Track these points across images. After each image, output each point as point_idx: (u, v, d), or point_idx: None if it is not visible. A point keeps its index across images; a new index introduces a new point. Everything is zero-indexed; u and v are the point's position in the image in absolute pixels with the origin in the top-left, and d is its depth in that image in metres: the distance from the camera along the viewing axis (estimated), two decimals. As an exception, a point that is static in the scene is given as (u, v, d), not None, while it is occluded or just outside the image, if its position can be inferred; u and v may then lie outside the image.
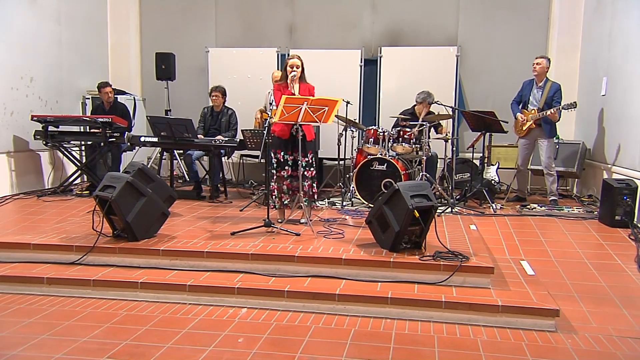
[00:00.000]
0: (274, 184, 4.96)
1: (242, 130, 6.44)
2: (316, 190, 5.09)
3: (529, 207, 6.10)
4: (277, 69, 7.28)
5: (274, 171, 4.94)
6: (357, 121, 6.93)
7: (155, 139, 6.41)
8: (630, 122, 5.71)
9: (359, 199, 6.06)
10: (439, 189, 6.18)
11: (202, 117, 6.85)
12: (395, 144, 6.08)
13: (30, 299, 3.74)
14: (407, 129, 6.09)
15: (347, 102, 6.48)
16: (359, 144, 6.73)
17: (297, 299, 3.57)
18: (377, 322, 3.38)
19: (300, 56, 5.03)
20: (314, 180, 5.03)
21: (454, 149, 6.62)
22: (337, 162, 6.80)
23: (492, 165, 6.90)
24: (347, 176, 6.49)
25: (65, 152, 6.87)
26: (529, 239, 4.92)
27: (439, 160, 6.73)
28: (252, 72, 7.76)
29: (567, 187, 7.53)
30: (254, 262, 3.95)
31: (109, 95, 7.06)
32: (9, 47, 6.62)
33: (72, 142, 6.96)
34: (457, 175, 6.99)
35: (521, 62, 7.33)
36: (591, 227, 5.29)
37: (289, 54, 7.03)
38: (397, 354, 2.94)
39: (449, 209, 5.80)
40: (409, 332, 3.24)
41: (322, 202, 6.23)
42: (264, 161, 4.96)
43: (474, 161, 6.84)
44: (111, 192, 4.12)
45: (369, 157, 6.02)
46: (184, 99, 8.35)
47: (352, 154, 6.60)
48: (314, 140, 5.23)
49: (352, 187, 6.15)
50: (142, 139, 6.51)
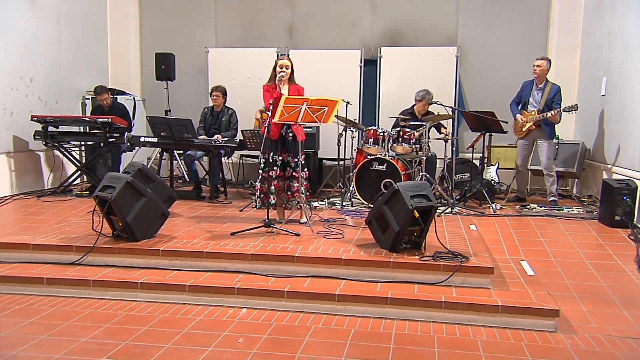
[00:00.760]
0: (258, 184, 4.96)
1: (242, 130, 6.45)
2: (310, 192, 5.06)
3: (528, 207, 6.10)
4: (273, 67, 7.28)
5: (261, 171, 4.93)
6: (356, 121, 6.93)
7: (155, 139, 6.41)
8: (630, 123, 5.71)
9: (359, 199, 6.06)
10: (439, 189, 6.18)
11: (203, 117, 6.85)
12: (395, 144, 6.08)
13: (30, 299, 3.74)
14: (407, 129, 6.09)
15: (347, 103, 6.48)
16: (358, 144, 6.73)
17: (296, 299, 3.57)
18: (376, 322, 3.38)
19: (290, 57, 5.02)
20: (304, 181, 4.98)
21: (454, 149, 6.62)
22: (337, 163, 6.80)
23: (492, 165, 6.90)
24: (347, 176, 6.49)
25: (65, 152, 6.88)
26: (528, 239, 4.92)
27: (438, 160, 6.74)
28: (252, 72, 7.75)
29: (567, 188, 7.53)
30: (254, 263, 3.95)
31: (105, 101, 7.03)
32: (9, 48, 6.62)
33: (71, 142, 6.96)
34: (457, 175, 6.99)
35: (521, 62, 7.33)
36: (591, 228, 5.29)
37: (289, 54, 7.04)
38: (396, 354, 2.94)
39: (449, 209, 5.80)
40: (409, 332, 3.24)
41: (322, 202, 6.23)
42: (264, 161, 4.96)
43: (474, 161, 6.84)
44: (111, 192, 4.12)
45: (368, 157, 6.02)
46: (183, 99, 8.35)
47: (351, 154, 6.61)
48: (304, 141, 5.18)
49: (352, 187, 6.15)
50: (142, 139, 6.51)
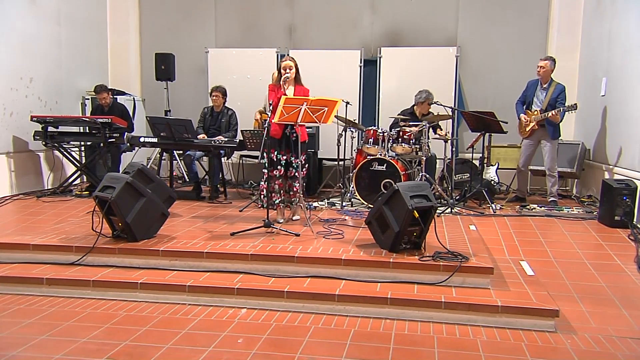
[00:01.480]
0: (263, 182, 4.99)
1: (241, 130, 6.45)
2: (303, 191, 5.11)
3: (528, 207, 6.10)
4: (277, 70, 7.28)
5: (265, 170, 4.96)
6: (356, 121, 6.93)
7: (154, 140, 6.41)
8: (629, 123, 5.71)
9: (359, 200, 6.06)
10: (439, 189, 6.18)
11: (202, 117, 6.85)
12: (394, 145, 6.08)
13: (29, 299, 3.74)
14: (407, 129, 6.09)
15: (347, 103, 6.48)
16: (358, 145, 6.73)
17: (296, 299, 3.57)
18: (376, 323, 3.38)
19: (294, 58, 5.03)
20: (304, 180, 5.06)
21: (454, 149, 6.62)
22: (336, 163, 6.80)
23: (492, 165, 6.90)
24: (347, 176, 6.49)
25: (64, 152, 6.88)
26: (528, 239, 4.92)
27: (438, 160, 6.73)
28: (251, 72, 7.76)
29: (567, 188, 7.53)
30: (254, 263, 3.95)
31: (104, 100, 7.02)
32: (9, 48, 6.62)
33: (71, 142, 6.95)
34: (457, 175, 6.99)
35: (521, 62, 7.35)
36: (591, 228, 5.29)
37: (288, 55, 7.03)
38: (396, 355, 2.94)
39: (449, 210, 5.80)
40: (409, 333, 3.24)
41: (322, 203, 6.23)
42: (264, 161, 4.97)
43: (474, 161, 6.84)
44: (111, 192, 4.12)
45: (368, 157, 6.01)
46: (183, 100, 8.35)
47: (351, 155, 6.60)
48: (307, 141, 5.22)
49: (352, 187, 6.14)
50: (142, 140, 6.51)
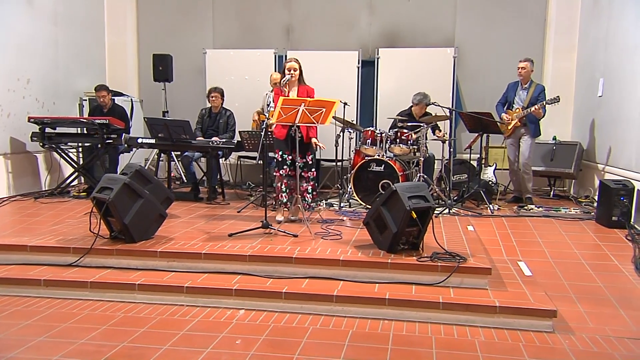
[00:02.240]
0: (279, 184, 5.07)
1: (239, 131, 6.45)
2: (316, 192, 5.13)
3: (526, 207, 6.11)
4: (275, 71, 7.29)
5: (279, 170, 5.02)
6: (354, 122, 6.93)
7: (152, 141, 6.40)
8: (626, 123, 5.73)
9: (357, 200, 6.06)
10: (437, 190, 6.19)
11: (200, 118, 6.85)
12: (392, 145, 6.08)
13: (27, 301, 3.73)
14: (405, 130, 6.10)
15: (345, 104, 6.48)
16: (356, 145, 6.73)
17: (294, 300, 3.57)
18: (374, 324, 3.38)
19: (298, 59, 5.06)
20: (311, 181, 5.10)
21: (452, 150, 6.63)
22: (334, 164, 6.80)
23: (490, 166, 6.92)
24: (345, 177, 6.49)
25: (62, 153, 6.85)
26: (526, 239, 4.92)
27: (436, 161, 6.74)
28: (249, 73, 7.76)
29: (564, 188, 7.54)
30: (252, 264, 3.95)
31: (103, 99, 6.99)
32: (6, 49, 6.61)
33: (69, 143, 6.93)
34: (455, 176, 6.99)
35: (518, 63, 7.34)
36: (588, 228, 5.30)
37: (286, 56, 7.05)
38: (394, 355, 2.94)
39: (447, 210, 5.80)
40: (407, 333, 3.24)
41: (320, 203, 6.22)
42: (262, 162, 4.98)
43: (472, 162, 6.85)
44: (108, 193, 4.11)
45: (366, 158, 6.01)
46: (181, 101, 8.33)
47: (349, 155, 6.61)
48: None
49: (350, 188, 6.14)
50: (140, 141, 6.50)
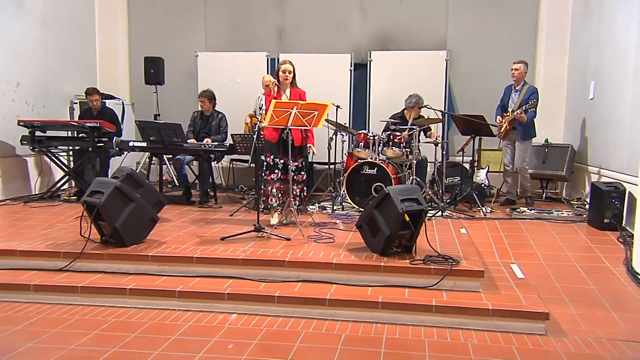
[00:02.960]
0: (269, 188, 5.03)
1: (231, 134, 6.43)
2: (306, 194, 5.12)
3: (518, 210, 6.13)
4: (267, 73, 7.28)
5: (268, 174, 4.98)
6: (347, 125, 6.93)
7: (144, 144, 6.36)
8: (618, 126, 5.76)
9: (350, 203, 6.05)
10: (429, 192, 6.20)
11: (192, 121, 6.82)
12: (385, 148, 6.08)
13: (16, 306, 3.69)
14: (397, 133, 6.10)
15: (337, 107, 6.47)
16: (349, 148, 6.72)
17: (287, 304, 3.55)
18: (367, 327, 3.37)
19: (291, 61, 5.06)
20: (300, 184, 5.10)
21: (444, 152, 6.64)
22: (327, 167, 6.80)
23: (482, 168, 6.94)
24: (338, 180, 6.48)
25: (52, 157, 6.79)
26: (518, 242, 4.93)
27: (429, 164, 6.75)
28: (241, 76, 7.74)
29: (557, 190, 7.57)
30: (244, 268, 3.93)
31: (94, 102, 6.97)
32: (-4, 52, 6.57)
33: (59, 147, 6.87)
34: (447, 178, 7.01)
35: (510, 66, 7.36)
36: (580, 230, 5.32)
37: (278, 58, 7.02)
38: (388, 359, 2.93)
39: (439, 213, 5.81)
40: (400, 337, 3.24)
41: (313, 207, 6.21)
42: (254, 166, 4.97)
43: (464, 165, 6.86)
44: (99, 197, 4.08)
45: (359, 161, 6.01)
46: (173, 104, 8.29)
47: (342, 158, 6.60)
48: (305, 145, 5.26)
49: (343, 191, 6.13)
50: (131, 144, 6.45)
